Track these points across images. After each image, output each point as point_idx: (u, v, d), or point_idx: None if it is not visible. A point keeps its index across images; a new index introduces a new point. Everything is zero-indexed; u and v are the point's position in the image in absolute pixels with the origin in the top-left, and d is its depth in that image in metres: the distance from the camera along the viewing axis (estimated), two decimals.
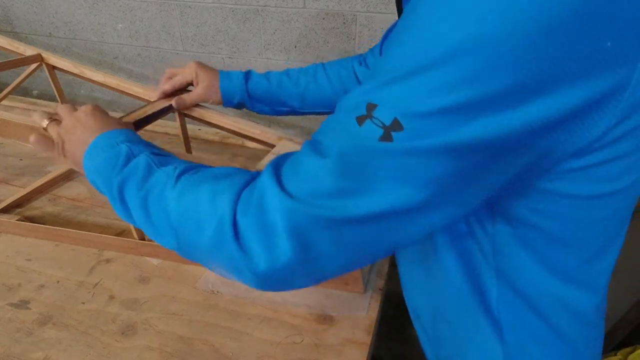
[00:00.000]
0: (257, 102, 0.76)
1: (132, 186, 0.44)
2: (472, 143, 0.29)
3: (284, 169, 0.36)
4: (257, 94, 0.74)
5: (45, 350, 0.58)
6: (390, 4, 0.97)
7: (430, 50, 0.28)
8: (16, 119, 0.65)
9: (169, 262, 0.73)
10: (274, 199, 0.34)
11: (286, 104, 0.76)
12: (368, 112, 0.31)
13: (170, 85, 0.75)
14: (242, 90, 0.74)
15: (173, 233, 0.41)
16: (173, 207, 0.41)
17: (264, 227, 0.34)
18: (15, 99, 1.32)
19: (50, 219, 0.83)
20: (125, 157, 0.47)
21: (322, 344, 0.59)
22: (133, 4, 1.19)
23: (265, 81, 0.75)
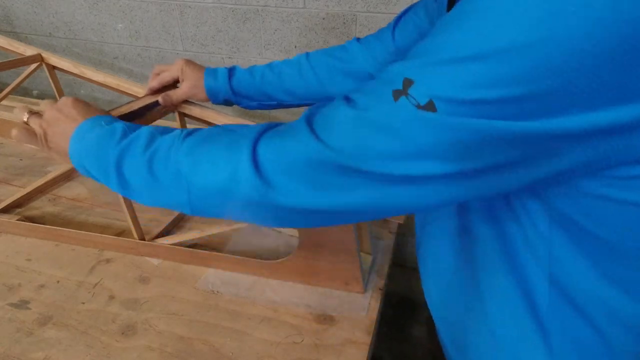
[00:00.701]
0: (243, 98, 0.75)
1: (134, 153, 0.45)
2: (500, 137, 0.30)
3: (316, 118, 0.38)
4: (241, 89, 0.74)
5: (45, 350, 0.58)
6: (390, 4, 0.97)
7: (483, 41, 0.28)
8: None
9: (169, 262, 0.73)
10: (302, 136, 0.36)
11: (273, 97, 0.75)
12: (404, 88, 0.32)
13: (157, 81, 0.75)
14: (226, 87, 0.73)
15: (184, 187, 0.42)
16: (183, 160, 0.41)
17: (287, 160, 0.37)
18: (15, 99, 1.32)
19: (50, 219, 0.83)
20: (122, 132, 0.47)
21: (322, 344, 0.59)
22: (133, 4, 1.19)
23: (248, 76, 0.74)
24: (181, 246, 0.72)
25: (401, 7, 0.97)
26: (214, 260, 0.71)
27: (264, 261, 0.68)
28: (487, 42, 0.28)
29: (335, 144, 0.35)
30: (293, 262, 0.66)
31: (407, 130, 0.32)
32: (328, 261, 0.64)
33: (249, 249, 0.76)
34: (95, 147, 0.48)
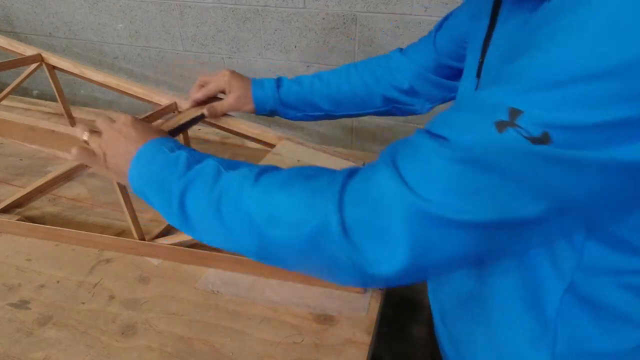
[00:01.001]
0: (290, 109, 0.74)
1: (199, 190, 0.42)
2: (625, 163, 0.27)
3: (402, 161, 0.33)
4: (289, 99, 0.73)
5: (45, 350, 0.58)
6: (390, 4, 0.97)
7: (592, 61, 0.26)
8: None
9: (169, 262, 0.73)
10: (393, 193, 0.32)
11: (319, 107, 0.74)
12: (511, 119, 0.28)
13: (203, 93, 0.74)
14: (275, 97, 0.72)
15: (255, 235, 0.38)
16: (256, 208, 0.38)
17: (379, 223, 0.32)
18: (15, 99, 1.32)
19: (50, 219, 0.83)
20: (186, 162, 0.44)
21: (322, 344, 0.59)
22: (133, 4, 1.19)
23: (297, 86, 0.73)
24: (181, 246, 0.72)
25: (401, 7, 0.97)
26: (214, 260, 0.71)
27: None
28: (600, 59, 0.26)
29: (436, 196, 0.30)
30: None
31: (521, 168, 0.28)
32: None
33: None
34: (158, 176, 0.45)
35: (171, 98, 0.81)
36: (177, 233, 0.78)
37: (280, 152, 0.68)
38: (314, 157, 0.68)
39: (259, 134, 0.76)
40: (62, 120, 1.07)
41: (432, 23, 0.96)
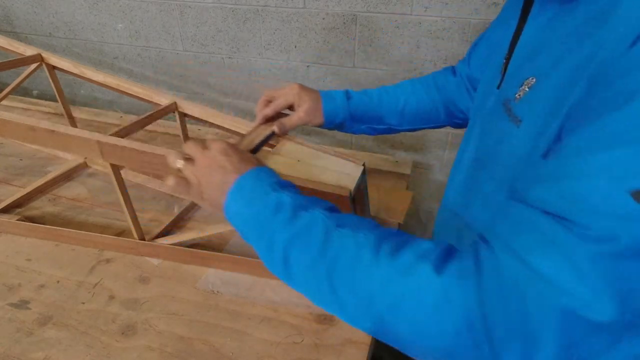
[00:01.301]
0: (357, 122, 0.73)
1: (306, 249, 0.39)
2: None
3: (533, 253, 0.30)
4: (358, 112, 0.72)
5: (45, 350, 0.58)
6: (390, 4, 0.97)
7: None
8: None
9: (169, 262, 0.73)
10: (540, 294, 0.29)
11: (384, 121, 0.73)
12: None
13: (273, 109, 0.70)
14: (345, 109, 0.70)
15: (374, 317, 0.35)
16: (379, 291, 0.35)
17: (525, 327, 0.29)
18: (15, 99, 1.32)
19: (50, 219, 0.83)
20: (291, 210, 0.42)
21: (322, 344, 0.59)
22: (133, 4, 1.19)
23: (366, 98, 0.72)
24: (181, 246, 0.72)
25: (401, 7, 0.97)
26: (214, 260, 0.71)
27: None
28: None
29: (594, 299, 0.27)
30: None
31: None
32: None
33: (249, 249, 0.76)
34: (259, 219, 0.43)
35: (171, 98, 0.81)
36: (177, 233, 0.78)
37: (280, 152, 0.68)
38: (314, 157, 0.68)
39: None
40: (62, 120, 1.07)
41: (432, 23, 0.96)
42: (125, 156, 0.64)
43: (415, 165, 1.15)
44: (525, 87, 0.41)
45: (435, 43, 0.99)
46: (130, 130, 0.71)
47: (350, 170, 0.63)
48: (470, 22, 0.94)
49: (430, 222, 1.27)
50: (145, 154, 0.62)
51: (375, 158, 1.08)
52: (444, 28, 0.96)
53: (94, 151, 0.65)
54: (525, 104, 0.41)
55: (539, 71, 0.41)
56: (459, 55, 0.99)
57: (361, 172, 0.63)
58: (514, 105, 0.42)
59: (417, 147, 1.16)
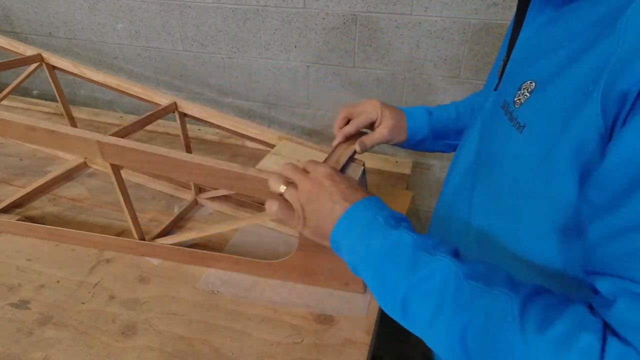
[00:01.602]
0: (437, 138, 0.71)
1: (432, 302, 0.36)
2: None
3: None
4: (439, 128, 0.70)
5: (45, 350, 0.58)
6: (390, 4, 0.97)
7: None
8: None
9: (169, 262, 0.73)
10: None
11: (460, 136, 0.70)
12: None
13: (355, 127, 0.67)
14: (427, 126, 0.68)
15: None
16: None
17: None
18: (15, 99, 1.32)
19: (50, 219, 0.83)
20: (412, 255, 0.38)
21: (322, 344, 0.59)
22: (133, 4, 1.19)
23: (445, 113, 0.70)
24: (181, 246, 0.72)
25: (401, 7, 0.97)
26: (214, 260, 0.71)
27: (264, 261, 0.68)
28: None
29: None
30: (293, 262, 0.66)
31: None
32: (328, 261, 0.64)
33: (249, 249, 0.76)
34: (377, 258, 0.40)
35: (171, 98, 0.81)
36: (177, 233, 0.78)
37: (280, 152, 0.68)
38: (314, 157, 0.68)
39: (259, 134, 0.76)
40: (62, 120, 1.07)
41: (432, 23, 0.96)
42: (125, 156, 0.64)
43: (415, 165, 1.15)
44: (524, 91, 0.41)
45: (435, 43, 0.99)
46: (130, 130, 0.71)
47: (351, 170, 0.63)
48: (470, 22, 0.94)
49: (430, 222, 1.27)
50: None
51: (375, 158, 1.08)
52: (444, 28, 0.96)
53: (94, 151, 0.65)
54: (527, 110, 0.40)
55: (538, 75, 0.40)
56: (458, 55, 0.99)
57: (361, 172, 0.63)
58: (514, 110, 0.42)
59: None
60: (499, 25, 0.93)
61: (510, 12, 0.91)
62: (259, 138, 0.76)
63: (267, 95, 1.22)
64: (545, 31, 0.43)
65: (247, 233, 0.80)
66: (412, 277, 0.37)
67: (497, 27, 0.93)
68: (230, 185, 0.62)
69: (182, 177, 0.69)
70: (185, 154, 0.62)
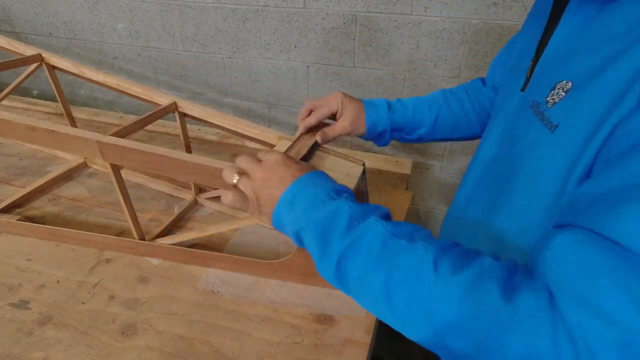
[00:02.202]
0: (395, 131, 0.72)
1: (363, 259, 0.39)
2: None
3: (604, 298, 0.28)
4: (398, 122, 0.71)
5: (45, 350, 0.58)
6: (390, 4, 0.97)
7: None
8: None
9: (169, 262, 0.73)
10: None
11: (415, 131, 0.73)
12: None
13: (316, 118, 0.68)
14: (387, 119, 0.70)
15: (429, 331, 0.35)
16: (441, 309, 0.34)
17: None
18: (15, 99, 1.32)
19: (50, 219, 0.83)
20: (348, 220, 0.41)
21: (322, 344, 0.59)
22: (133, 4, 1.19)
23: (403, 108, 0.71)
24: (181, 246, 0.72)
25: (401, 7, 0.97)
26: (214, 260, 0.71)
27: (264, 261, 0.68)
28: None
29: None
30: (293, 262, 0.66)
31: None
32: None
33: (249, 249, 0.76)
34: (317, 226, 0.42)
35: (171, 98, 0.81)
36: (177, 233, 0.78)
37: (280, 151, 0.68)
38: (314, 157, 0.68)
39: (259, 133, 0.76)
40: (62, 120, 1.07)
41: (432, 23, 0.96)
42: (125, 156, 0.64)
43: (415, 165, 1.15)
44: (559, 90, 0.40)
45: (435, 43, 0.99)
46: (130, 130, 0.71)
47: (350, 170, 0.63)
48: (470, 22, 0.94)
49: (430, 222, 1.27)
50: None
51: (375, 158, 1.08)
52: (444, 28, 0.97)
53: (94, 151, 0.65)
54: (561, 109, 0.39)
55: (575, 76, 0.39)
56: (458, 55, 0.99)
57: (361, 172, 0.63)
58: (547, 110, 0.41)
59: (417, 147, 1.16)
60: (499, 25, 0.93)
61: (510, 12, 0.91)
62: (259, 138, 0.76)
63: (267, 95, 1.22)
64: (585, 29, 0.42)
65: (247, 233, 0.80)
66: (345, 240, 0.40)
67: (497, 27, 0.93)
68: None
69: (182, 177, 0.70)
70: (185, 154, 0.62)
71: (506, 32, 0.93)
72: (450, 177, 1.17)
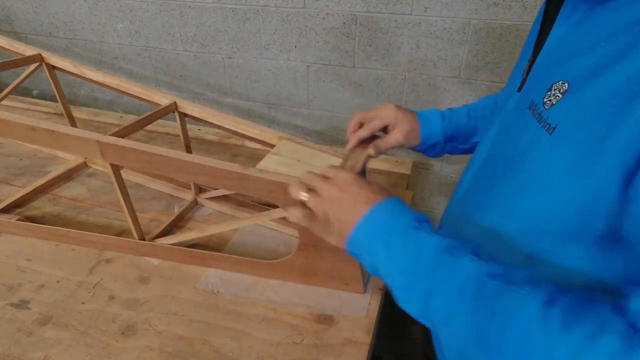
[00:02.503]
0: (448, 141, 0.70)
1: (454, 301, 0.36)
2: None
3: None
4: (451, 131, 0.69)
5: (45, 350, 0.58)
6: (390, 4, 0.97)
7: None
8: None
9: (169, 262, 0.73)
10: None
11: (470, 139, 0.71)
12: None
13: (369, 131, 0.67)
14: (441, 130, 0.68)
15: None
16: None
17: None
18: (15, 99, 1.32)
19: (50, 219, 0.83)
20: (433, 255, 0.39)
21: (322, 344, 0.59)
22: (133, 4, 1.19)
23: (456, 117, 0.70)
24: (181, 246, 0.72)
25: (401, 7, 0.97)
26: (214, 260, 0.71)
27: (264, 261, 0.68)
28: None
29: None
30: (293, 262, 0.66)
31: None
32: (328, 261, 0.64)
33: (249, 249, 0.76)
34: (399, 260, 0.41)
35: (171, 98, 0.81)
36: (177, 233, 0.78)
37: (280, 152, 0.68)
38: (314, 157, 0.68)
39: (259, 133, 0.76)
40: (62, 120, 1.07)
41: (432, 23, 0.96)
42: (125, 156, 0.64)
43: (415, 165, 1.15)
44: (555, 92, 0.39)
45: (435, 43, 0.99)
46: (130, 130, 0.71)
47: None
48: (470, 22, 0.94)
49: None
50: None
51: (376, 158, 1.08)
52: (444, 28, 0.96)
53: (94, 151, 0.65)
54: (559, 111, 0.39)
55: (572, 76, 0.38)
56: (458, 55, 0.99)
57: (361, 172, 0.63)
58: (544, 111, 0.40)
59: None
60: (499, 25, 0.93)
61: (510, 12, 0.91)
62: (259, 138, 0.76)
63: (267, 95, 1.22)
64: (578, 30, 0.41)
65: (247, 233, 0.80)
66: (434, 277, 0.38)
67: (497, 27, 0.93)
68: (230, 185, 0.62)
69: (182, 177, 0.70)
70: (185, 154, 0.62)
71: (506, 32, 0.93)
72: (450, 177, 1.17)
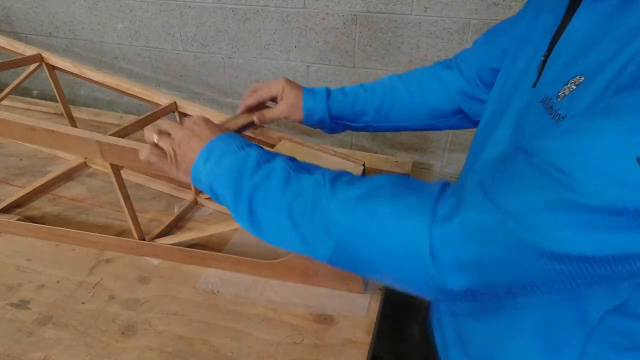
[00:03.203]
0: (335, 119, 0.72)
1: (269, 192, 0.43)
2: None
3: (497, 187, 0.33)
4: (335, 110, 0.71)
5: (45, 350, 0.58)
6: (390, 4, 0.97)
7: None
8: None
9: (169, 262, 0.73)
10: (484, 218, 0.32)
11: (360, 118, 0.73)
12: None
13: (255, 99, 0.71)
14: (324, 108, 0.70)
15: (331, 244, 0.39)
16: (336, 218, 0.38)
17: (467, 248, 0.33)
18: (15, 99, 1.32)
19: (50, 219, 0.83)
20: (255, 161, 0.45)
21: (322, 344, 0.59)
22: (133, 4, 1.19)
23: (341, 95, 0.72)
24: (181, 246, 0.72)
25: (401, 7, 0.96)
26: (214, 260, 0.71)
27: (264, 261, 0.68)
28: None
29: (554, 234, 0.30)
30: (293, 262, 0.66)
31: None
32: None
33: (249, 249, 0.76)
34: (226, 173, 0.45)
35: (171, 98, 0.81)
36: (177, 233, 0.78)
37: (280, 152, 0.68)
38: (313, 157, 0.68)
39: (259, 133, 0.76)
40: (62, 120, 1.07)
41: (432, 23, 0.96)
42: (125, 156, 0.64)
43: (415, 165, 1.15)
44: (571, 85, 0.39)
45: (435, 43, 0.99)
46: (130, 130, 0.71)
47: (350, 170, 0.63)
48: (470, 22, 0.94)
49: None
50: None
51: (375, 158, 1.08)
52: (444, 28, 0.96)
53: (94, 151, 0.65)
54: (570, 101, 0.39)
55: (588, 70, 0.38)
56: None
57: (361, 172, 0.63)
58: (556, 103, 0.40)
59: (417, 147, 1.16)
60: None
61: (510, 12, 0.91)
62: (258, 138, 0.76)
63: None
64: (603, 24, 0.41)
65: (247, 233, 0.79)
66: (253, 181, 0.44)
67: None
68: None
69: None
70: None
71: None
72: (450, 177, 1.17)
